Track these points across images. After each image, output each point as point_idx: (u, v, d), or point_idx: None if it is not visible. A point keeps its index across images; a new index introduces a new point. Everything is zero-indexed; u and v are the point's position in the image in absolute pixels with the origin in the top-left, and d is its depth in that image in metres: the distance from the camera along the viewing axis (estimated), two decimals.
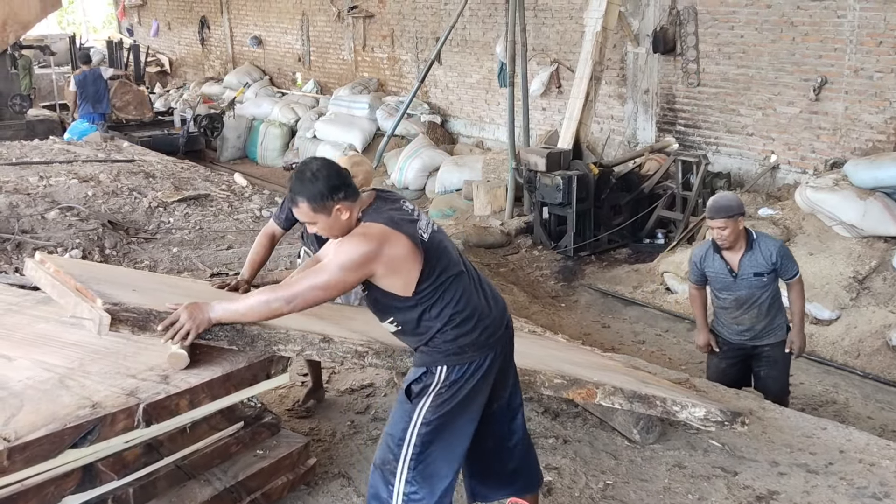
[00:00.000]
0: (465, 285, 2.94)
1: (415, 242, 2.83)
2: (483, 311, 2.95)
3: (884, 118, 7.89)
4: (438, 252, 2.90)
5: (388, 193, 3.03)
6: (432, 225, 2.99)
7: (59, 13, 24.87)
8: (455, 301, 2.90)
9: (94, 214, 7.64)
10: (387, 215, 2.86)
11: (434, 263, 2.87)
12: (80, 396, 2.93)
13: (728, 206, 4.72)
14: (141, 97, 14.60)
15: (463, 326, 2.91)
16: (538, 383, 3.70)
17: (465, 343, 2.92)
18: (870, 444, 4.27)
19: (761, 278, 4.78)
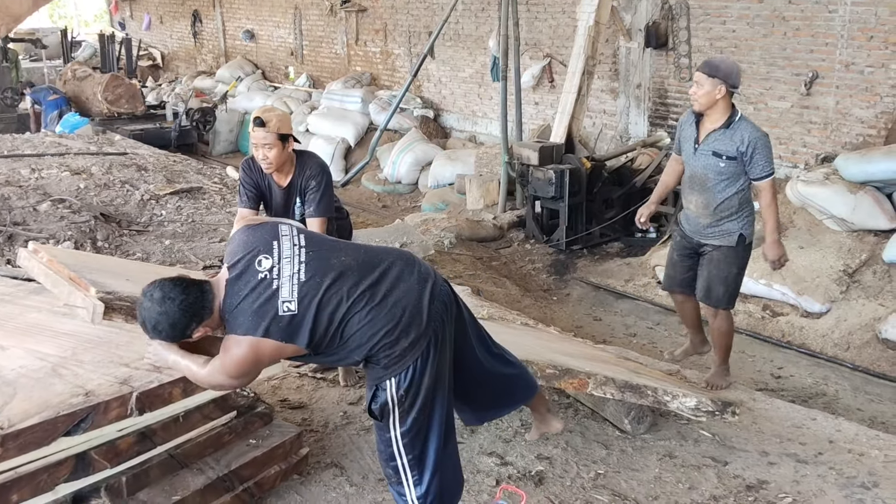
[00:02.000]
0: (363, 310, 2.72)
1: (283, 335, 2.64)
2: (396, 315, 2.75)
3: (874, 113, 7.92)
4: (317, 305, 2.68)
5: (237, 265, 2.73)
6: (299, 267, 2.71)
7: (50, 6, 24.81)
8: (361, 332, 2.73)
9: (86, 207, 7.63)
10: (243, 313, 2.65)
11: (317, 323, 2.68)
12: (74, 385, 2.95)
13: (714, 65, 4.33)
14: (133, 91, 14.57)
15: (384, 344, 2.75)
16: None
17: (397, 353, 2.76)
18: (859, 434, 4.31)
19: (718, 160, 4.37)
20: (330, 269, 2.75)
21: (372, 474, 3.74)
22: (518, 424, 4.24)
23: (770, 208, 4.47)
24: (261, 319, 2.63)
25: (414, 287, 2.83)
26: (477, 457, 3.93)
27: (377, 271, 2.80)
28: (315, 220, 4.18)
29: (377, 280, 2.78)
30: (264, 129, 4.01)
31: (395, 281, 2.81)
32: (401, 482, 2.92)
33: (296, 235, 2.81)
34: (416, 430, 2.86)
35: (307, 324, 2.67)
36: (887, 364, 6.06)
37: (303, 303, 2.67)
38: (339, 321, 2.71)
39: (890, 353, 6.13)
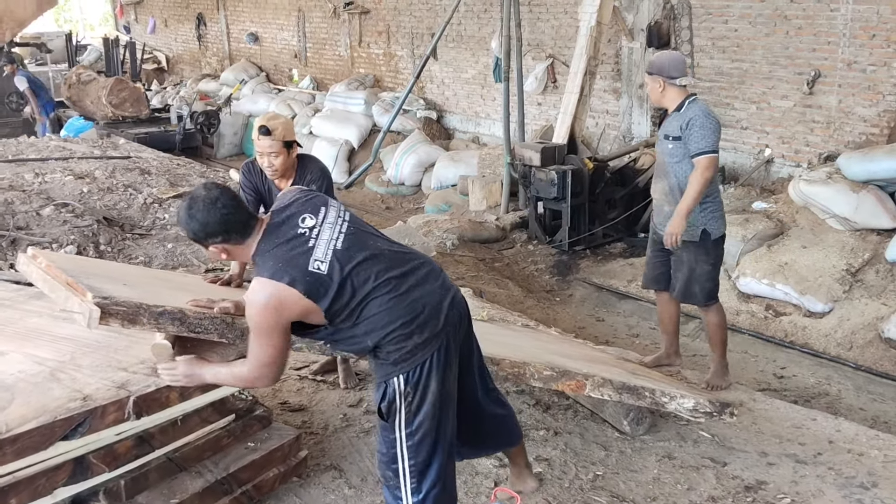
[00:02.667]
0: (387, 295, 2.77)
1: (307, 288, 2.69)
2: (416, 310, 2.79)
3: (877, 111, 7.90)
4: (346, 274, 2.74)
5: (282, 214, 2.84)
6: (338, 235, 2.79)
7: (55, 10, 24.90)
8: (379, 316, 2.77)
9: (89, 211, 7.66)
10: (275, 258, 2.72)
11: (342, 290, 2.73)
12: (71, 389, 2.96)
13: (651, 62, 4.49)
14: (137, 94, 14.60)
15: (398, 336, 2.78)
16: (528, 375, 3.73)
17: (408, 348, 2.80)
18: (859, 434, 4.30)
19: (667, 142, 4.45)
20: (365, 247, 2.81)
21: (371, 476, 3.75)
22: None
23: (694, 183, 4.40)
24: (289, 268, 2.70)
25: (437, 290, 2.88)
26: (475, 458, 3.93)
27: (407, 265, 2.86)
28: None
29: (405, 273, 2.84)
30: (270, 137, 4.05)
31: (422, 280, 2.86)
32: (398, 486, 2.92)
33: (342, 210, 2.92)
34: (422, 435, 2.86)
35: (332, 288, 2.71)
36: (890, 363, 6.04)
37: (333, 267, 2.73)
38: (362, 298, 2.76)
39: (893, 353, 6.11)
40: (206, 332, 3.11)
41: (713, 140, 4.39)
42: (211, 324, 3.11)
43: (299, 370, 4.96)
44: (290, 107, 14.72)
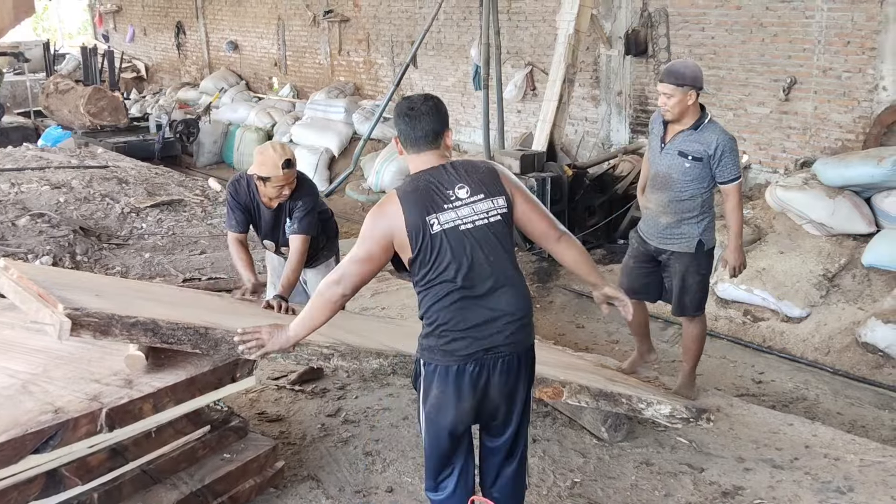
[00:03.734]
0: (448, 295, 2.85)
1: (409, 225, 2.82)
2: (457, 325, 2.84)
3: (852, 117, 7.97)
4: (434, 251, 2.83)
5: (453, 169, 2.94)
6: (471, 222, 2.86)
7: (33, 19, 24.74)
8: (432, 302, 2.87)
9: (66, 221, 7.61)
10: (415, 187, 2.88)
11: (423, 258, 2.84)
12: (43, 402, 2.93)
13: (680, 73, 4.23)
14: (115, 103, 14.53)
15: (430, 326, 2.90)
16: None
17: (429, 344, 2.91)
18: (835, 439, 4.32)
19: (684, 160, 4.32)
20: (477, 248, 2.86)
21: (349, 486, 3.74)
22: None
23: (735, 212, 4.46)
24: (413, 198, 2.85)
25: (500, 325, 2.88)
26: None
27: (493, 283, 2.88)
28: (297, 237, 4.29)
29: (489, 290, 2.87)
30: (291, 168, 4.14)
31: (497, 302, 2.88)
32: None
33: (498, 211, 2.92)
34: (425, 417, 2.96)
35: (430, 245, 2.82)
36: (867, 368, 6.08)
37: (440, 235, 2.82)
38: (434, 278, 2.85)
39: (869, 357, 6.15)
40: (180, 342, 3.09)
41: (739, 165, 4.42)
42: (184, 334, 3.09)
43: (277, 380, 4.94)
44: (270, 115, 14.69)
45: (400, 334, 4.30)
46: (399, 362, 3.48)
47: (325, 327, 3.36)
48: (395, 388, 4.78)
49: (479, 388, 2.89)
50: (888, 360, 6.04)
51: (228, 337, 3.13)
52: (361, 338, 3.76)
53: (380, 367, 3.47)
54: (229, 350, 3.16)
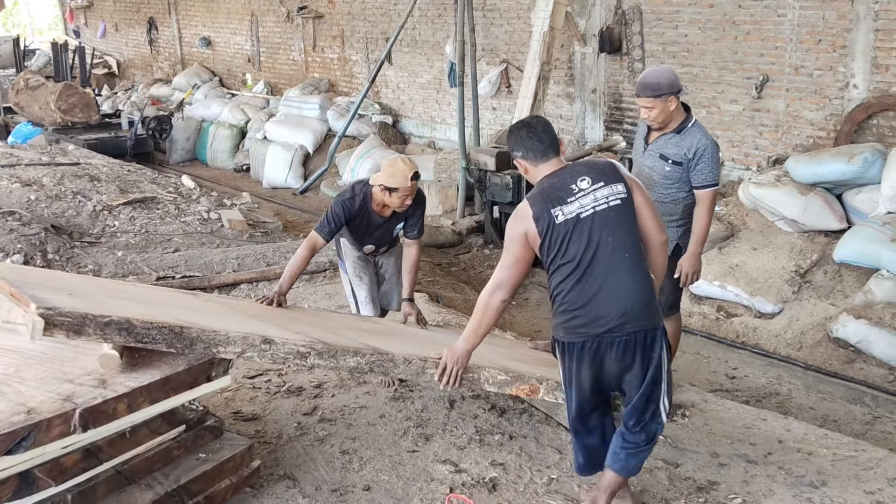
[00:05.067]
0: (570, 276, 3.16)
1: (537, 219, 3.18)
2: (577, 303, 3.17)
3: (824, 115, 8.06)
4: (559, 237, 3.15)
5: (573, 167, 3.31)
6: (592, 208, 3.15)
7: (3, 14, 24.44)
8: (557, 282, 3.21)
9: (37, 219, 7.51)
10: (541, 188, 3.26)
11: (549, 245, 3.18)
12: (15, 402, 2.89)
13: (655, 84, 4.19)
14: (87, 100, 14.34)
15: (556, 305, 3.25)
16: (482, 380, 3.73)
17: (556, 321, 3.27)
18: (808, 433, 4.37)
19: (664, 163, 4.29)
20: (601, 230, 3.15)
21: (325, 485, 3.72)
22: (472, 431, 4.25)
23: (703, 218, 4.37)
24: (540, 197, 3.22)
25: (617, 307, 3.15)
26: (431, 465, 3.92)
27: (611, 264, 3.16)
28: (415, 242, 4.75)
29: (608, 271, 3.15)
30: (417, 180, 4.48)
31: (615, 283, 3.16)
32: None
33: (618, 196, 3.20)
34: (565, 388, 3.34)
35: (555, 233, 3.16)
36: (838, 363, 6.16)
37: (564, 224, 3.16)
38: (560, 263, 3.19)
39: (841, 352, 6.23)
40: (154, 341, 3.07)
41: (717, 171, 4.39)
42: (159, 333, 3.06)
43: (252, 378, 4.91)
44: (243, 111, 14.60)
45: (376, 332, 4.30)
46: (376, 360, 3.48)
47: (302, 325, 3.36)
48: (371, 386, 4.77)
49: (596, 366, 3.22)
50: (859, 356, 6.12)
51: (204, 336, 3.11)
52: (338, 336, 3.75)
53: (357, 366, 3.47)
54: (204, 349, 3.14)
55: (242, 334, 3.25)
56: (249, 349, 3.25)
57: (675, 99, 4.26)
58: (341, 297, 6.74)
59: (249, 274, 7.04)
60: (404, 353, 3.62)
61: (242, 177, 13.29)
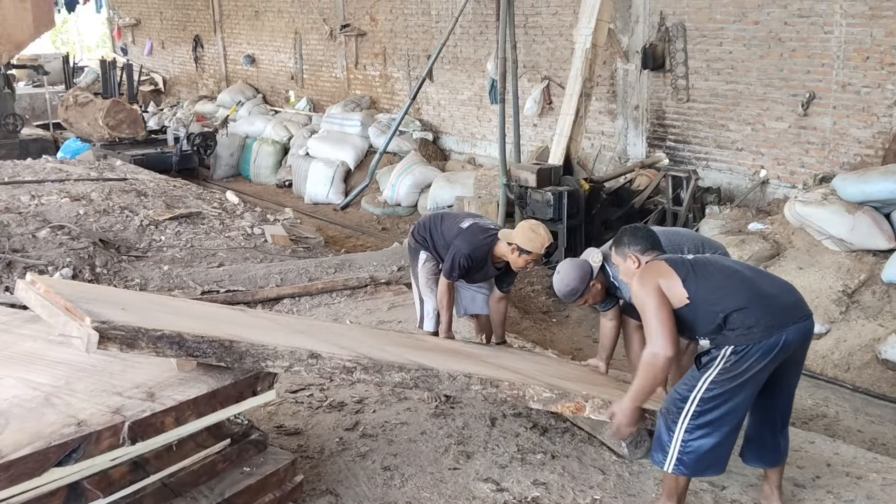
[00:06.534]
0: (735, 281, 3.48)
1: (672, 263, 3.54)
2: (762, 297, 3.42)
3: (871, 133, 7.94)
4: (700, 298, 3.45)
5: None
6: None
7: (53, 32, 24.96)
8: (728, 297, 3.43)
9: (85, 233, 7.65)
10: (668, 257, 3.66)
11: (705, 305, 3.45)
12: (66, 415, 2.93)
13: (574, 290, 4.30)
14: (134, 116, 14.62)
15: (741, 312, 3.38)
16: (527, 397, 3.73)
17: (749, 327, 3.36)
18: (857, 457, 4.28)
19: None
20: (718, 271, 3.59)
21: (367, 501, 3.73)
22: (514, 449, 4.22)
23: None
24: (665, 257, 3.63)
25: (787, 292, 3.57)
26: (473, 483, 3.91)
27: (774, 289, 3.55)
28: (507, 295, 5.17)
29: (759, 272, 3.70)
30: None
31: (774, 280, 3.68)
32: (675, 422, 3.47)
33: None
34: (717, 396, 3.39)
35: (698, 264, 3.56)
36: (887, 385, 6.04)
37: (698, 259, 3.63)
38: (714, 276, 3.52)
39: (890, 374, 6.11)
40: (205, 355, 3.10)
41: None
42: (209, 347, 3.10)
43: (295, 393, 4.94)
44: (286, 128, 14.75)
45: (421, 348, 4.30)
46: (421, 376, 3.48)
47: (347, 341, 3.37)
48: (412, 402, 4.78)
49: (788, 352, 3.43)
50: None
51: (253, 350, 3.15)
52: (383, 352, 3.76)
53: (402, 381, 3.48)
54: (253, 363, 3.17)
55: (290, 349, 3.28)
56: (297, 363, 3.28)
57: (598, 282, 4.35)
58: (382, 312, 6.78)
59: (292, 288, 7.10)
60: (449, 369, 3.63)
61: (285, 192, 13.42)
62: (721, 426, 3.43)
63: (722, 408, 3.41)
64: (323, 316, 6.72)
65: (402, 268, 7.61)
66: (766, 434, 3.68)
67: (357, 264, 7.73)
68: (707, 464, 3.49)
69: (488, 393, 3.71)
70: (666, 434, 3.49)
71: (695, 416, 3.43)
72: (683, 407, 3.44)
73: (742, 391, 3.42)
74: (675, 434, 3.45)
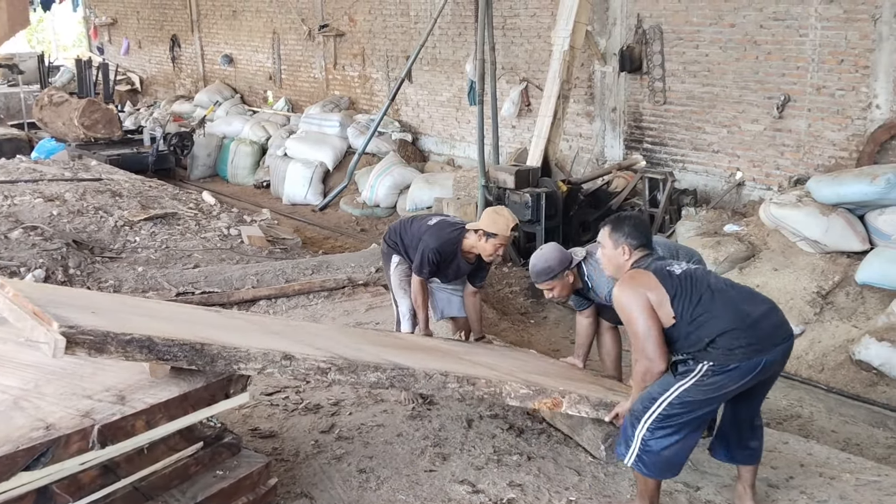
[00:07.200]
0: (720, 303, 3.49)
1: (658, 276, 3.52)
2: (744, 317, 3.45)
3: (846, 135, 8.01)
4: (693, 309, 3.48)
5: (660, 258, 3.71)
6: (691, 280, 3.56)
7: (28, 31, 24.74)
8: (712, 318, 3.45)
9: (59, 234, 7.57)
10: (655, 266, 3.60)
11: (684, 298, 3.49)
12: (34, 418, 2.90)
13: (548, 269, 4.34)
14: (110, 116, 14.48)
15: (724, 334, 3.42)
16: (504, 394, 3.71)
17: (731, 347, 3.40)
18: (830, 457, 4.31)
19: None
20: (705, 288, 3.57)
21: None
22: (490, 451, 4.22)
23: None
24: (652, 267, 3.57)
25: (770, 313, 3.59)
26: (449, 485, 3.90)
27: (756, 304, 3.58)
28: (476, 289, 5.17)
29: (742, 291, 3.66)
30: (514, 233, 4.84)
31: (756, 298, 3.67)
32: (639, 419, 3.52)
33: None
34: (686, 405, 3.44)
35: (685, 280, 3.51)
36: (861, 386, 6.08)
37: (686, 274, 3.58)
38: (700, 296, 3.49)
39: (863, 375, 6.15)
40: (176, 359, 3.06)
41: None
42: (180, 350, 3.06)
43: (270, 396, 4.91)
44: (264, 128, 14.68)
45: (397, 346, 4.29)
46: (397, 375, 3.46)
47: (323, 341, 3.35)
48: (389, 404, 4.76)
49: (769, 371, 3.54)
50: (882, 378, 6.05)
51: (224, 352, 3.12)
52: (359, 352, 3.74)
53: (377, 381, 3.45)
54: (225, 365, 3.14)
55: (263, 350, 3.24)
56: (270, 365, 3.25)
57: (573, 273, 4.39)
58: (359, 313, 6.76)
59: (269, 290, 7.06)
60: (425, 367, 3.61)
61: (262, 193, 13.35)
62: (681, 431, 3.47)
63: (687, 416, 3.45)
64: (300, 317, 6.69)
65: (380, 269, 7.58)
66: (732, 432, 3.74)
67: (335, 265, 7.70)
68: (662, 466, 3.53)
69: (465, 391, 3.69)
70: (630, 429, 3.55)
71: (660, 418, 3.47)
72: (650, 407, 3.48)
73: (712, 404, 3.50)
74: (638, 431, 3.51)
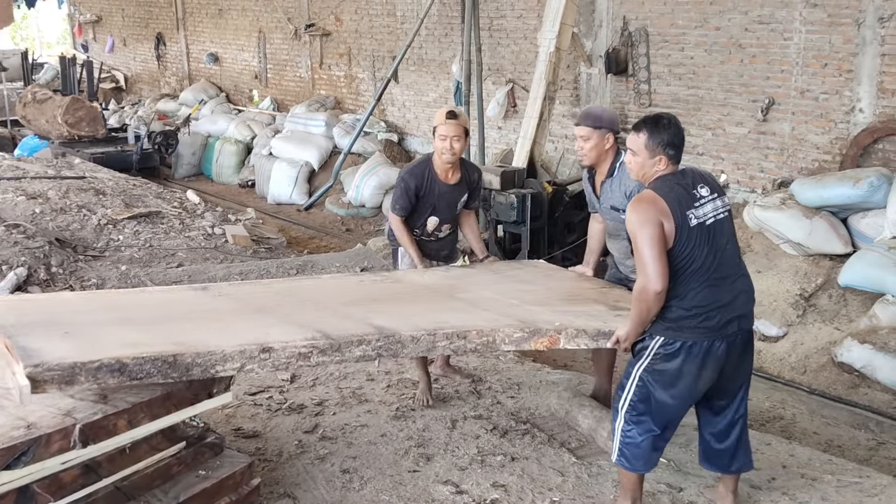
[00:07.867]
0: (704, 280, 3.33)
1: (676, 219, 3.29)
2: (710, 304, 3.32)
3: (829, 138, 8.06)
4: (692, 242, 3.31)
5: (688, 173, 3.46)
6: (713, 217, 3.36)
7: (12, 28, 24.53)
8: (688, 285, 3.33)
9: (41, 232, 7.51)
10: (670, 187, 3.36)
11: (682, 248, 3.31)
12: (15, 417, 2.88)
13: (597, 116, 4.19)
14: (94, 113, 14.40)
15: (684, 308, 3.32)
16: (498, 341, 3.59)
17: (681, 324, 3.33)
18: (812, 459, 4.34)
19: (619, 213, 4.08)
20: (721, 237, 3.39)
21: None
22: (474, 452, 4.22)
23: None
24: (673, 196, 3.33)
25: (740, 303, 3.43)
26: (432, 485, 3.90)
27: (731, 269, 3.42)
28: (472, 212, 5.04)
29: (730, 274, 3.41)
30: (457, 120, 4.55)
31: (735, 285, 3.43)
32: (618, 409, 3.52)
33: (725, 208, 3.45)
34: (647, 386, 3.41)
35: (689, 237, 3.31)
36: (843, 387, 6.12)
37: (700, 229, 3.33)
38: (694, 262, 3.33)
39: (845, 377, 6.19)
40: (149, 375, 2.96)
41: None
42: (153, 367, 2.95)
43: (254, 395, 4.90)
44: (249, 127, 14.63)
45: (392, 299, 4.10)
46: (384, 345, 3.36)
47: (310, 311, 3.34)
48: (373, 404, 4.75)
49: (720, 363, 3.38)
50: (864, 380, 6.09)
51: (199, 359, 3.04)
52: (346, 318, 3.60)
53: (364, 355, 3.33)
54: (202, 372, 3.07)
55: (239, 348, 3.13)
56: (248, 362, 3.15)
57: (613, 139, 4.19)
58: None
59: None
60: (413, 328, 3.50)
61: (247, 192, 13.31)
62: (646, 421, 3.45)
63: (648, 402, 3.43)
64: None
65: (366, 269, 7.58)
66: (711, 441, 3.67)
67: (319, 265, 7.69)
68: (635, 458, 3.51)
69: (456, 346, 3.55)
70: (614, 422, 3.58)
71: (630, 406, 3.48)
72: (621, 395, 3.51)
73: (670, 389, 3.40)
74: (617, 423, 3.54)
